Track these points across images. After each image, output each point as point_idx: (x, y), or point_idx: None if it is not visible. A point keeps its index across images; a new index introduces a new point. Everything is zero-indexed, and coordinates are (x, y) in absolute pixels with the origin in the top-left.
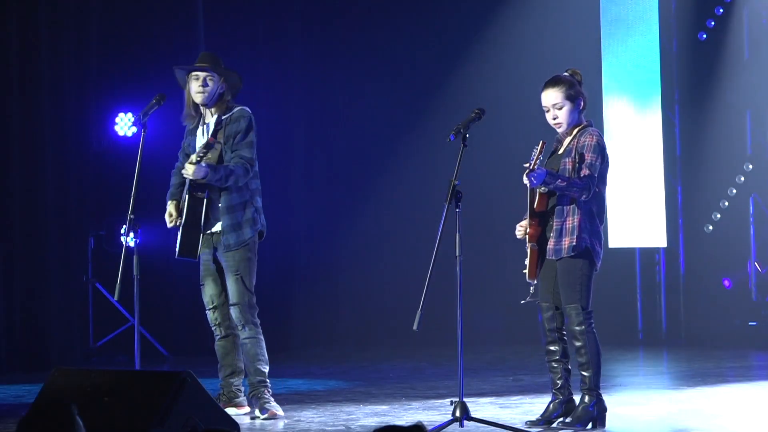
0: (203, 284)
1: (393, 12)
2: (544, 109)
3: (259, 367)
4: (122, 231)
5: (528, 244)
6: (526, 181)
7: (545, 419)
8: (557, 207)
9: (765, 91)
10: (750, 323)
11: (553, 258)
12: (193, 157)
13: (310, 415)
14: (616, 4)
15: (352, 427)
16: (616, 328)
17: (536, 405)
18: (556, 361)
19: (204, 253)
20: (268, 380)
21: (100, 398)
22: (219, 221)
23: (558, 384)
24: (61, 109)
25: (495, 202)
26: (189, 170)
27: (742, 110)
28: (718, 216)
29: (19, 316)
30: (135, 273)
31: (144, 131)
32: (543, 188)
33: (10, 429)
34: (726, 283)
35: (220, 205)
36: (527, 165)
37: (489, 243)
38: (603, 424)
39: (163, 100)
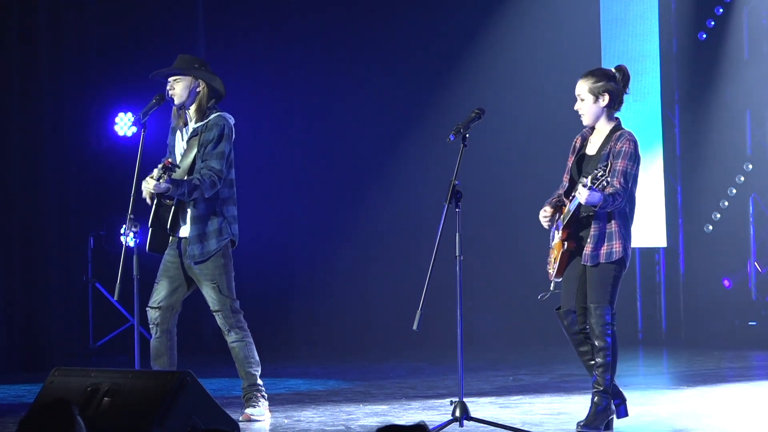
0: (157, 282)
1: (393, 12)
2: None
3: (249, 370)
4: (122, 231)
5: (562, 244)
6: (584, 193)
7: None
8: (595, 211)
9: (765, 91)
10: (750, 323)
11: (589, 264)
12: (155, 173)
13: (310, 415)
14: (616, 4)
15: (352, 427)
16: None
17: (536, 405)
18: (591, 359)
19: (168, 254)
20: (260, 383)
21: (100, 398)
22: (187, 226)
23: None
24: (61, 109)
25: (495, 202)
26: (150, 185)
27: (742, 110)
28: (718, 216)
29: (19, 317)
30: (135, 273)
31: (144, 131)
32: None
33: (10, 429)
34: (726, 283)
35: (188, 212)
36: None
37: (489, 243)
38: (610, 427)
39: (162, 100)
